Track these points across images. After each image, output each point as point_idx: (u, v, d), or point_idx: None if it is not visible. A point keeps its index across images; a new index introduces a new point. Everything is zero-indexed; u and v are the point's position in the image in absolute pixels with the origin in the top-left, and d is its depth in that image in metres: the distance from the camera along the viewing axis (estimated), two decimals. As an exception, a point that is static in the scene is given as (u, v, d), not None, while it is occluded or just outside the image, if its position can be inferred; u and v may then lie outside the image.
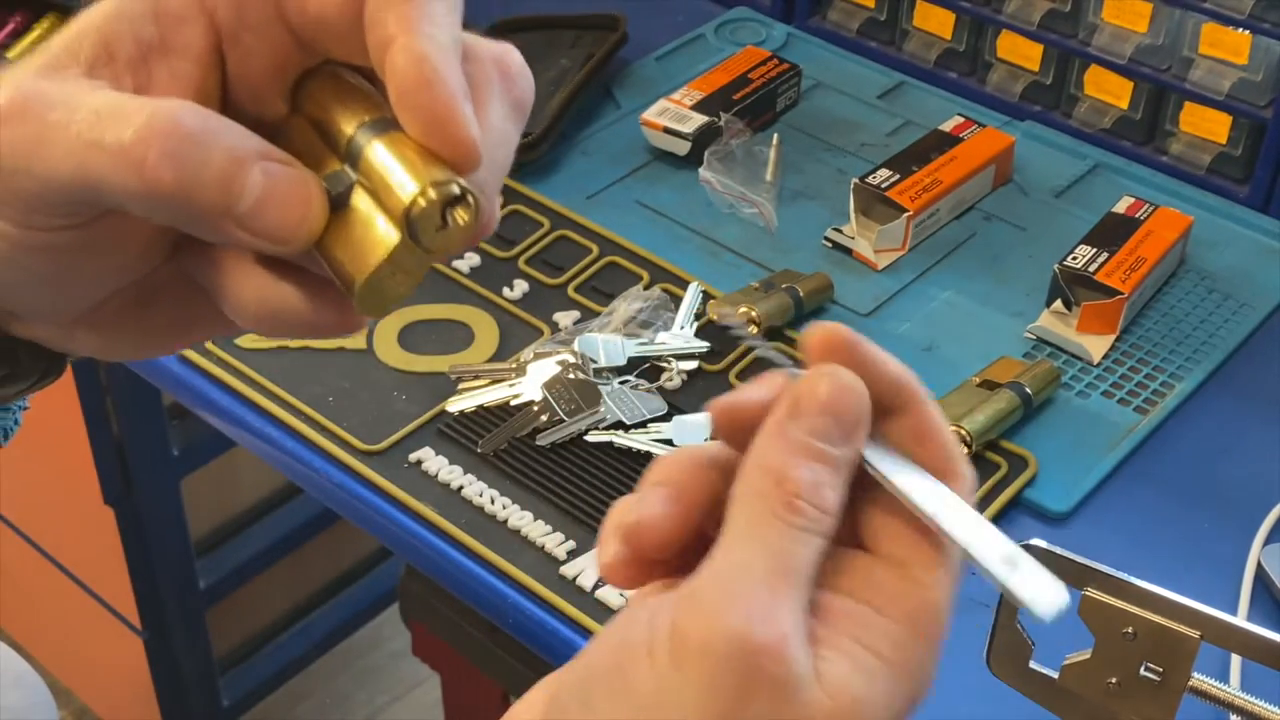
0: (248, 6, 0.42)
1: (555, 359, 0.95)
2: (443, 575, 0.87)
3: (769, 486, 0.41)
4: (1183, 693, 0.58)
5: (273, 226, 0.39)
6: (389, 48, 0.39)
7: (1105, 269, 0.99)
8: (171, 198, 0.38)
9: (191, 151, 0.38)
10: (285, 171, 0.39)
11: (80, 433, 1.37)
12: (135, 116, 0.38)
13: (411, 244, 0.38)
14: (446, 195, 0.38)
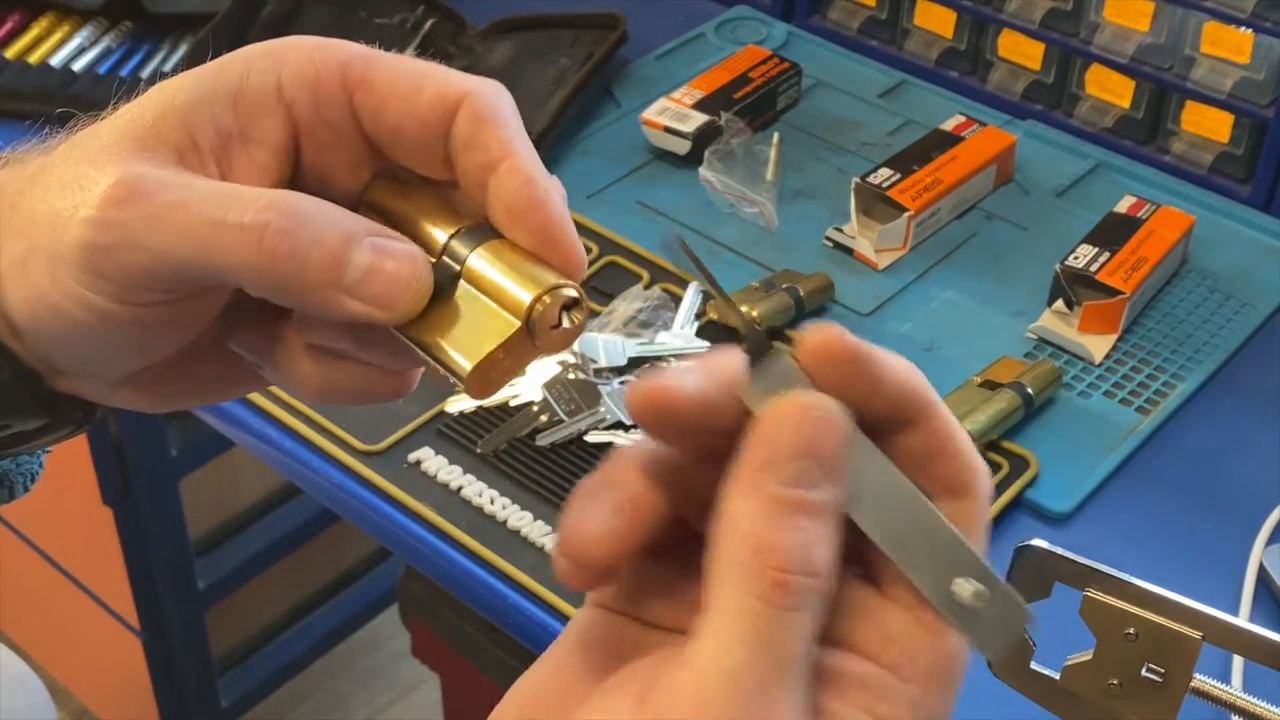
0: (325, 104, 0.44)
1: (555, 359, 0.94)
2: (442, 575, 0.87)
3: (748, 558, 0.36)
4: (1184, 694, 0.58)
5: (380, 293, 0.41)
6: (495, 169, 0.43)
7: (1107, 269, 0.98)
8: (286, 272, 0.41)
9: (306, 228, 0.41)
10: (394, 244, 0.42)
11: (79, 433, 1.37)
12: (253, 199, 0.41)
13: (527, 336, 0.42)
14: (566, 299, 0.42)
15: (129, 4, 1.23)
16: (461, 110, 0.44)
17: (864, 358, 0.38)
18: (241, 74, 0.44)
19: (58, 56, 1.21)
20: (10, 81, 1.17)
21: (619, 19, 1.23)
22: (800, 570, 0.36)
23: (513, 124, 0.44)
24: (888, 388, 0.39)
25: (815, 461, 0.37)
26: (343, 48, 0.45)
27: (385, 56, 0.45)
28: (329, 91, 0.44)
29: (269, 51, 0.45)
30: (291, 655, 1.74)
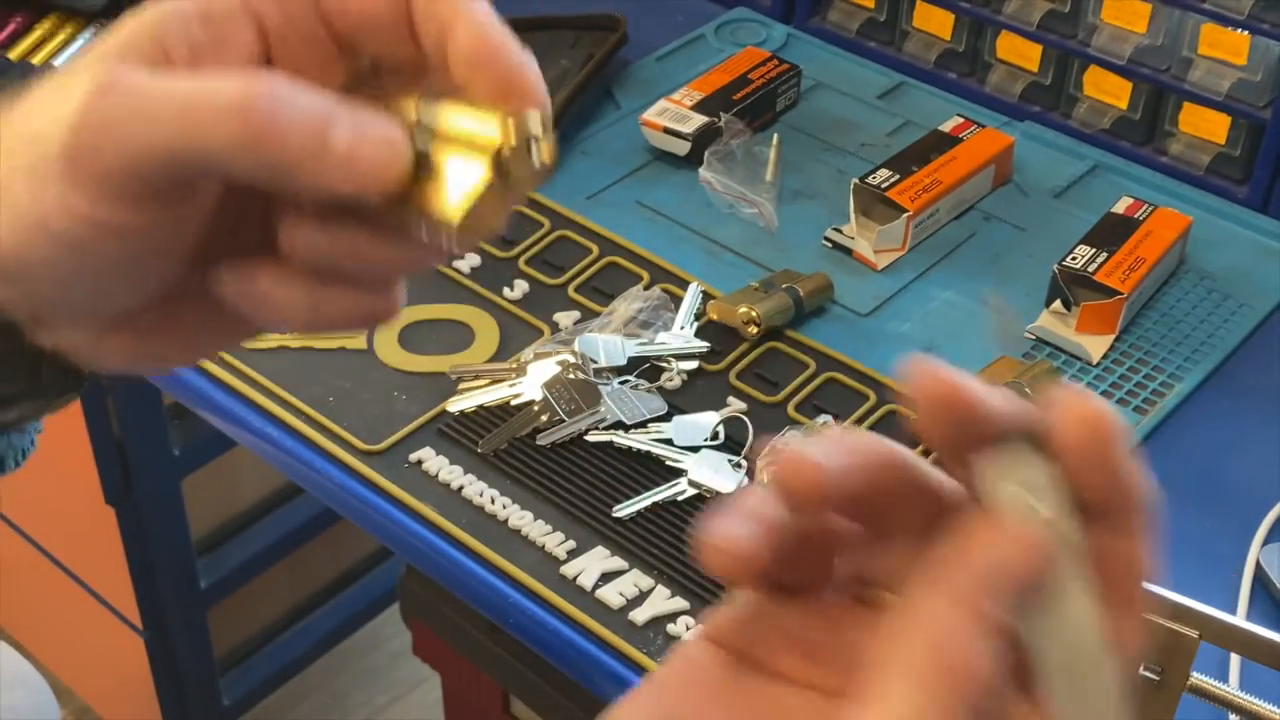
0: (291, 7, 0.44)
1: (555, 359, 0.95)
2: (443, 575, 0.87)
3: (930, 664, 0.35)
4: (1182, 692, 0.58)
5: (367, 166, 0.41)
6: (451, 30, 0.43)
7: (1104, 269, 0.99)
8: (270, 148, 0.40)
9: (288, 103, 0.40)
10: (374, 117, 0.42)
11: (81, 432, 1.38)
12: (232, 81, 0.40)
13: (502, 178, 0.42)
14: (528, 130, 0.42)
15: (130, 6, 1.23)
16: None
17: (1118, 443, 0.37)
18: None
19: (61, 59, 1.21)
20: (13, 83, 1.17)
21: (619, 20, 1.23)
22: (985, 686, 0.35)
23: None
24: (1122, 486, 0.38)
25: (1019, 588, 0.36)
26: None
27: None
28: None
29: None
30: (293, 654, 1.75)
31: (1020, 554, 0.36)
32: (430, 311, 1.01)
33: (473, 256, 1.05)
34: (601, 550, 0.85)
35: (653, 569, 0.84)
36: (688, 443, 0.91)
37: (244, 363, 0.97)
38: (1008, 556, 0.36)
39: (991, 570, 0.36)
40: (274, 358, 0.97)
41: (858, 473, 0.38)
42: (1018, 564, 0.36)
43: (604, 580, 0.83)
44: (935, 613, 0.36)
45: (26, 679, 1.14)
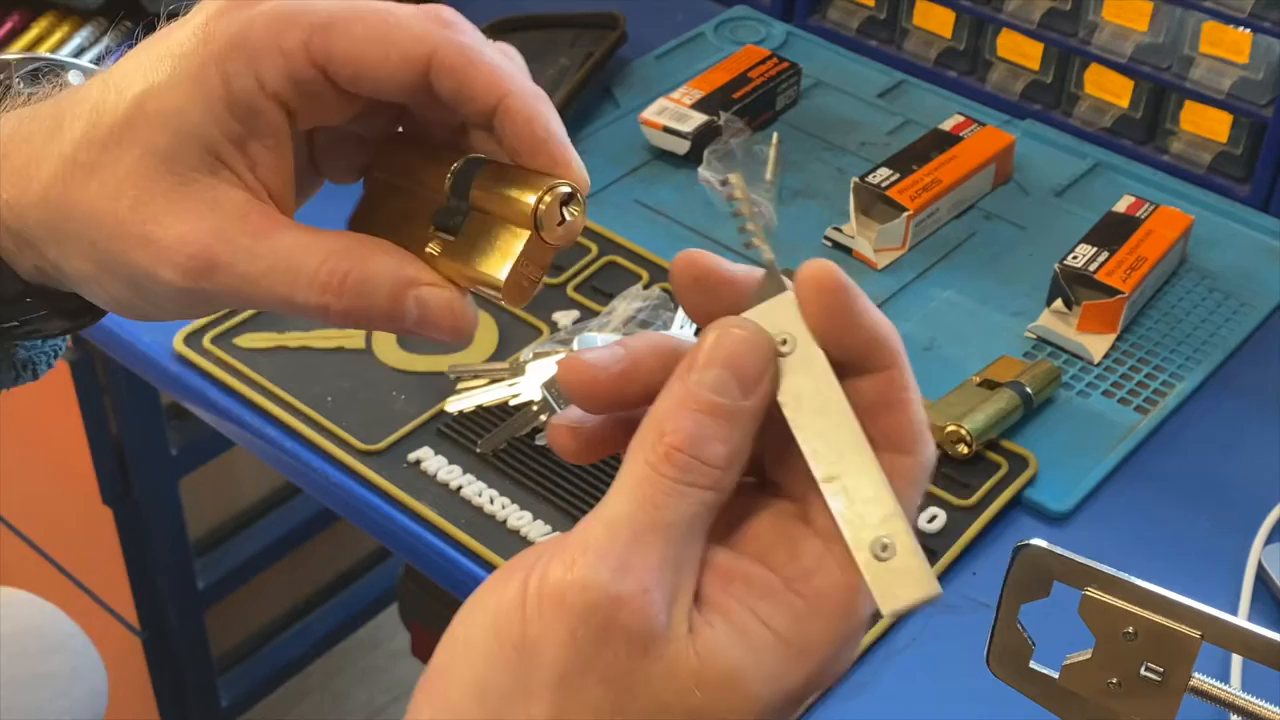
0: (305, 86, 0.47)
1: (555, 358, 0.94)
2: (442, 575, 0.87)
3: (652, 438, 0.42)
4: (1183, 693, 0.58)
5: (435, 334, 0.48)
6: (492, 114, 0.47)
7: (1106, 268, 0.99)
8: (357, 317, 0.48)
9: (362, 290, 0.47)
10: (434, 294, 0.48)
11: (79, 432, 1.37)
12: (317, 263, 0.47)
13: (539, 238, 0.47)
14: (562, 194, 0.48)
15: (128, 3, 1.23)
16: (434, 70, 0.47)
17: (848, 293, 0.43)
18: (222, 79, 0.47)
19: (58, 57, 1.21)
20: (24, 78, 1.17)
21: (618, 19, 1.23)
22: (690, 452, 0.42)
23: (485, 60, 0.47)
24: (863, 330, 0.43)
25: (734, 373, 0.43)
26: (300, 21, 0.47)
27: (341, 20, 0.47)
28: (305, 75, 0.47)
29: (235, 46, 0.47)
30: (291, 654, 1.75)
31: (727, 338, 0.44)
32: (429, 311, 1.00)
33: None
34: (600, 550, 0.85)
35: (652, 569, 0.84)
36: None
37: (243, 363, 0.96)
38: (716, 340, 0.44)
39: (700, 356, 0.44)
40: (273, 358, 0.97)
41: (638, 365, 0.45)
42: (726, 346, 0.44)
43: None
44: (658, 401, 0.43)
45: (73, 642, 1.14)
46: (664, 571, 0.41)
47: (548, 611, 0.40)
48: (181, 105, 0.47)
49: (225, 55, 0.47)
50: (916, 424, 0.43)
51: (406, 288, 0.48)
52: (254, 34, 0.47)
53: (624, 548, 0.41)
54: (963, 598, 0.83)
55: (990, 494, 0.88)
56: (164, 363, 0.98)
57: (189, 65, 0.47)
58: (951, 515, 0.87)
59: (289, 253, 0.47)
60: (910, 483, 0.43)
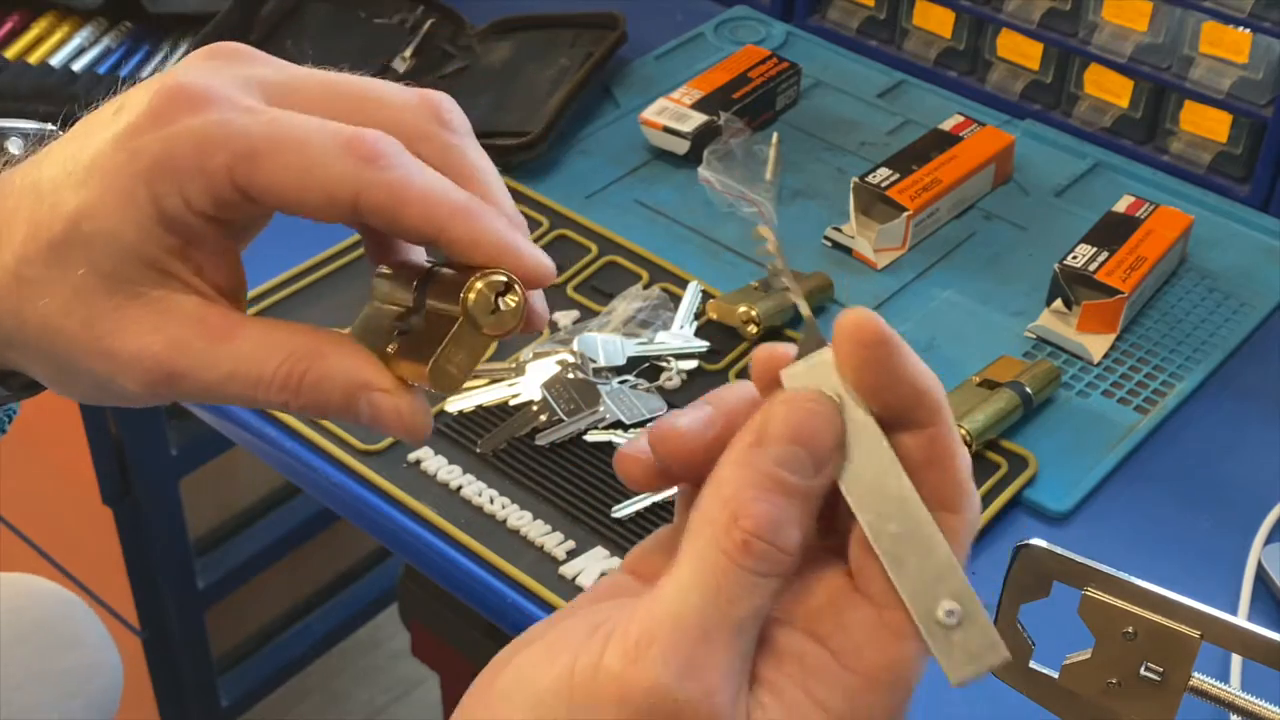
0: (232, 209, 0.48)
1: (554, 359, 0.94)
2: (442, 575, 0.87)
3: (724, 520, 0.40)
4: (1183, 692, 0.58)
5: (388, 432, 0.50)
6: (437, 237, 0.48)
7: (1105, 268, 0.99)
8: (313, 409, 0.50)
9: (318, 390, 0.49)
10: (384, 400, 0.49)
11: (79, 433, 1.37)
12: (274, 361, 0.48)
13: (471, 326, 0.48)
14: (496, 284, 0.48)
15: (129, 4, 1.23)
16: (361, 211, 0.47)
17: (891, 345, 0.41)
18: (150, 198, 0.47)
19: (58, 56, 1.21)
20: (10, 81, 1.17)
21: (618, 19, 1.23)
22: (768, 538, 0.39)
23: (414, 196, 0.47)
24: (906, 384, 0.42)
25: (804, 448, 0.41)
26: (224, 146, 0.46)
27: (264, 151, 0.46)
28: (230, 198, 0.47)
29: (159, 166, 0.46)
30: (291, 654, 1.74)
31: (799, 412, 0.41)
32: (429, 311, 1.00)
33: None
34: (600, 550, 0.85)
35: (652, 569, 0.84)
36: (687, 442, 0.91)
37: (242, 362, 0.96)
38: (787, 415, 0.41)
39: (772, 430, 0.41)
40: (272, 357, 0.97)
41: (732, 427, 0.42)
42: (797, 420, 0.41)
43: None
44: (722, 476, 0.41)
45: (89, 637, 1.14)
46: (731, 672, 0.39)
47: (603, 706, 0.39)
48: (116, 227, 0.47)
49: (151, 175, 0.46)
50: (963, 480, 0.42)
51: (359, 390, 0.49)
52: (177, 156, 0.46)
53: (692, 646, 0.39)
54: (962, 597, 0.83)
55: (990, 494, 0.88)
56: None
57: (117, 183, 0.47)
58: (951, 515, 0.87)
59: (248, 357, 0.48)
60: (958, 542, 0.42)
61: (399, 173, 0.47)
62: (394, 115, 0.49)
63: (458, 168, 0.49)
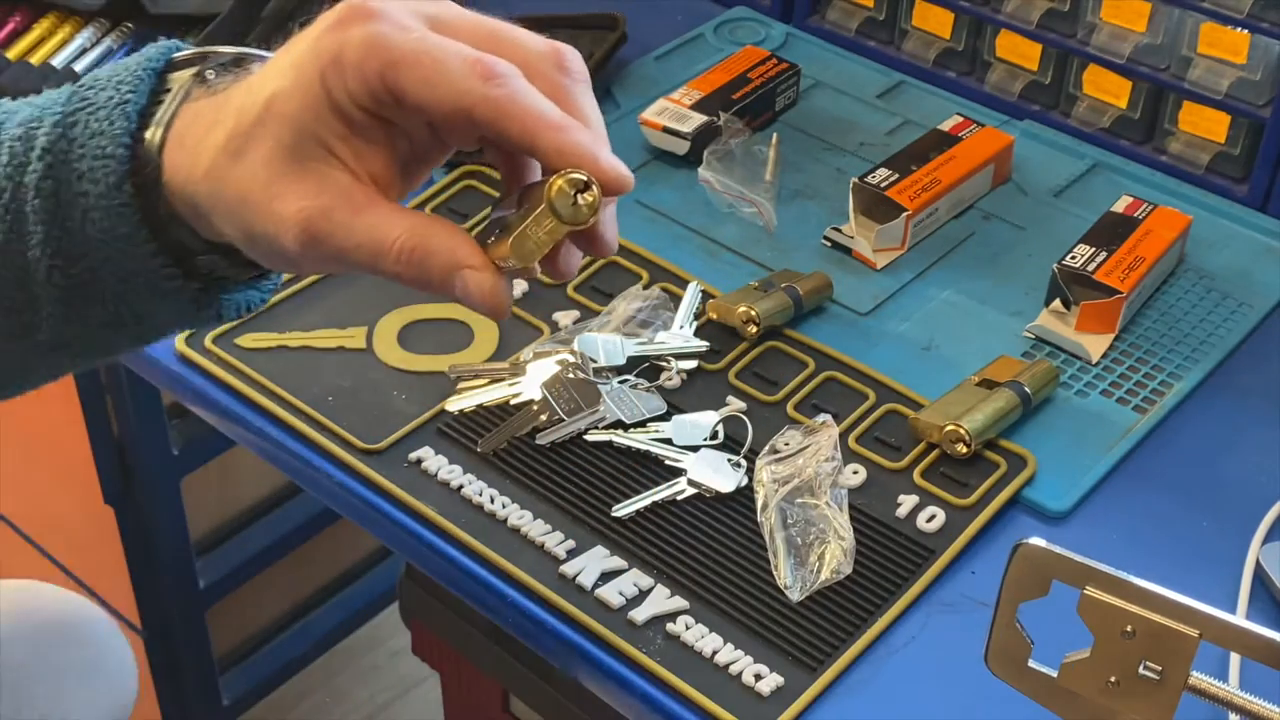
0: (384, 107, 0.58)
1: (555, 358, 0.95)
2: (442, 574, 0.87)
3: None
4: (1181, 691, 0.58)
5: (475, 307, 0.60)
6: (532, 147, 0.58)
7: (1104, 268, 0.99)
8: (420, 288, 0.60)
9: (423, 265, 0.59)
10: (476, 276, 0.59)
11: (80, 432, 1.38)
12: (396, 234, 0.59)
13: (551, 212, 0.58)
14: (575, 180, 0.57)
15: (130, 5, 1.23)
16: (474, 121, 0.57)
17: None
18: (325, 88, 0.57)
19: (59, 57, 1.21)
20: (12, 82, 1.17)
21: (618, 19, 1.23)
22: None
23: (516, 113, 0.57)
24: None
25: None
26: (379, 53, 0.57)
27: (407, 61, 0.57)
28: (383, 98, 0.58)
29: (333, 61, 0.57)
30: (292, 653, 1.75)
31: None
32: (429, 311, 1.01)
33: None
34: (601, 550, 0.85)
35: (652, 568, 0.84)
36: (687, 442, 0.91)
37: (244, 363, 0.97)
38: None
39: None
40: (274, 357, 0.97)
41: None
42: None
43: (603, 580, 0.84)
44: None
45: (104, 639, 1.15)
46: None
47: None
48: (298, 108, 0.58)
49: (326, 68, 0.57)
50: None
51: (456, 267, 0.59)
52: (346, 54, 0.57)
53: None
54: (961, 597, 0.84)
55: (989, 493, 0.89)
56: (166, 362, 0.98)
57: (303, 74, 0.57)
58: (950, 514, 0.88)
59: (376, 229, 0.58)
60: None
61: (508, 90, 0.57)
62: (523, 54, 0.59)
63: (569, 105, 0.59)
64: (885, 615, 0.82)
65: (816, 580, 0.82)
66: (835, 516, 0.85)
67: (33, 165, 0.61)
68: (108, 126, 0.60)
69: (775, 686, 0.78)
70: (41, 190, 0.61)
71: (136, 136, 0.60)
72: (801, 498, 0.86)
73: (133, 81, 0.61)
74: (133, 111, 0.61)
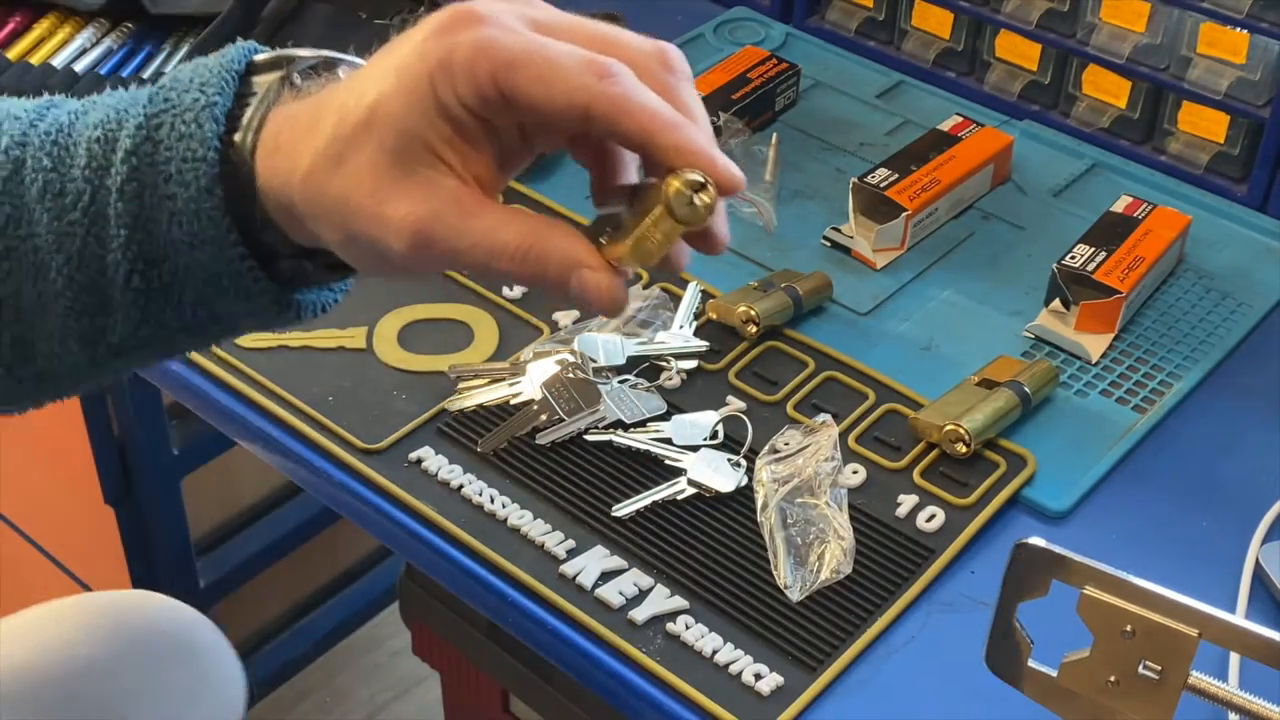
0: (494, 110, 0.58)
1: (555, 358, 0.95)
2: (442, 574, 0.87)
3: None
4: (1181, 691, 0.58)
5: (592, 305, 0.60)
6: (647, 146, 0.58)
7: (1103, 268, 0.99)
8: (534, 287, 0.62)
9: (540, 264, 0.60)
10: (594, 276, 0.59)
11: (81, 432, 1.38)
12: (509, 238, 0.59)
13: (669, 213, 0.58)
14: (691, 180, 0.58)
15: (130, 5, 1.23)
16: (590, 119, 0.57)
17: None
18: (432, 91, 0.57)
19: (60, 57, 1.21)
20: (12, 82, 1.17)
21: (618, 19, 1.23)
22: None
23: (633, 110, 0.57)
24: None
25: None
26: (491, 55, 0.57)
27: (521, 62, 0.57)
28: (492, 99, 0.58)
29: (442, 65, 0.57)
30: (293, 653, 1.75)
31: None
32: (429, 311, 1.01)
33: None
34: (601, 549, 0.85)
35: (652, 568, 0.84)
36: (687, 442, 0.91)
37: (244, 363, 0.97)
38: None
39: None
40: (274, 357, 0.97)
41: None
42: None
43: (603, 579, 0.84)
44: None
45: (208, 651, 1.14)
46: None
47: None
48: (404, 112, 0.58)
49: (434, 73, 0.57)
50: None
51: (573, 267, 0.59)
52: (456, 58, 0.57)
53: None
54: (961, 596, 0.84)
55: (989, 493, 0.89)
56: (166, 362, 0.98)
57: (408, 79, 0.58)
58: (950, 514, 0.88)
59: (490, 231, 0.59)
60: None
61: (624, 88, 0.57)
62: (630, 54, 0.60)
63: (676, 101, 0.60)
64: (885, 615, 0.82)
65: (816, 580, 0.83)
66: (835, 516, 0.85)
67: (115, 168, 0.61)
68: (195, 129, 0.60)
69: (775, 686, 0.78)
70: (125, 193, 0.60)
71: (225, 140, 0.60)
72: (801, 497, 0.86)
73: (217, 84, 0.61)
74: (220, 114, 0.60)
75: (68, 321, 0.63)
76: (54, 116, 0.64)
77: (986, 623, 0.62)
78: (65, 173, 0.62)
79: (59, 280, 0.62)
